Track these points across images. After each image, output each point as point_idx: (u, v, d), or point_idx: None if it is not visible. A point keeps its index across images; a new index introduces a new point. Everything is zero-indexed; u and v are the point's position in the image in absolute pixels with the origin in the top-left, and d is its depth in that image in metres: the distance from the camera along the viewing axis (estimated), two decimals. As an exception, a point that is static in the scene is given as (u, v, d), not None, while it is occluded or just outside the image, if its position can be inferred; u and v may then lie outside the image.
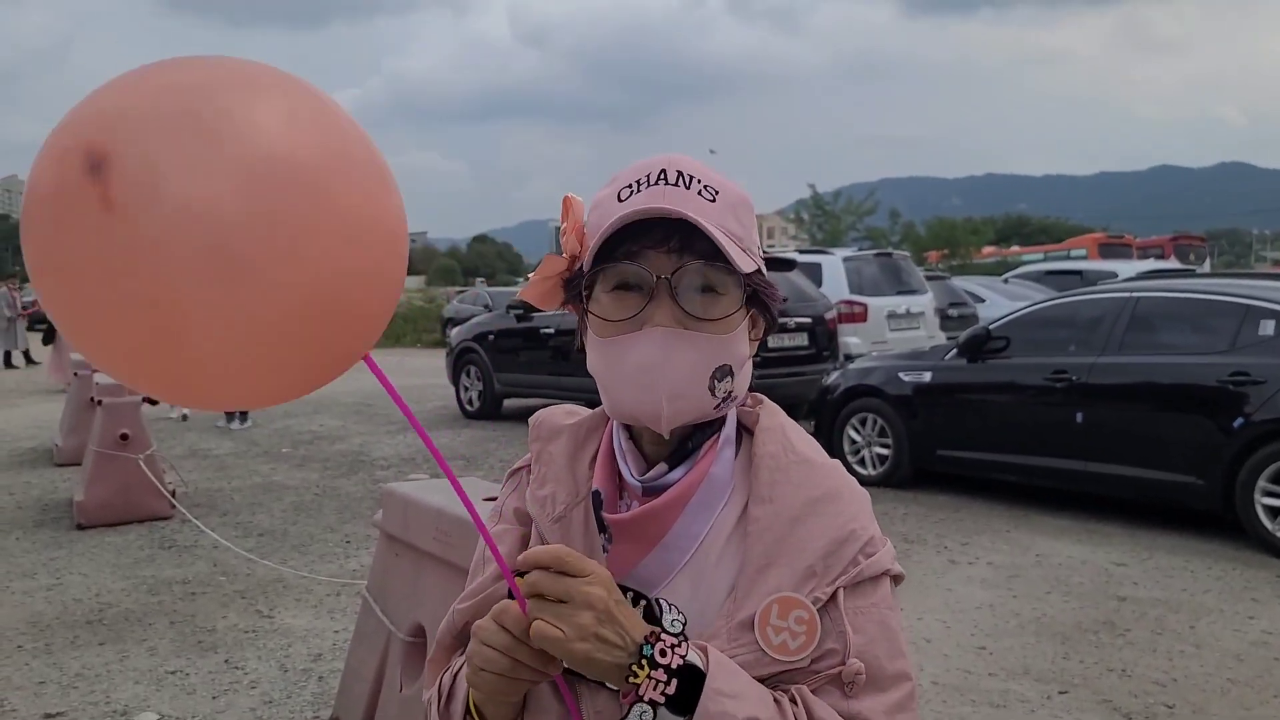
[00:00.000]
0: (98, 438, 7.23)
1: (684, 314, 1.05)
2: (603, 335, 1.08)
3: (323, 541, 6.67)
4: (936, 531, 6.84)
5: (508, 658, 0.98)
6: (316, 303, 0.93)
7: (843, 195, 38.39)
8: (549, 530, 1.15)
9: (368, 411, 13.30)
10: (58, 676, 4.40)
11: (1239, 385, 6.30)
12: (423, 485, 3.48)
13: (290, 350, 0.95)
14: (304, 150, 0.91)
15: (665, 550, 1.09)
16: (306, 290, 0.91)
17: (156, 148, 0.85)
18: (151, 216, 0.84)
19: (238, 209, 0.86)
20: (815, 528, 1.07)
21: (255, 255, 0.87)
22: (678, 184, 1.07)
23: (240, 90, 0.91)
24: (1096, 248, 29.00)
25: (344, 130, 0.97)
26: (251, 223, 0.87)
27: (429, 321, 29.29)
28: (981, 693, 4.20)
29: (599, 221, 1.08)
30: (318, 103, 0.97)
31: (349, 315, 0.98)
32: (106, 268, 0.86)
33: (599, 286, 1.08)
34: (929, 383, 8.12)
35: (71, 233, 0.86)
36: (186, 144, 0.86)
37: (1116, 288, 7.94)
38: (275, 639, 4.85)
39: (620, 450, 1.15)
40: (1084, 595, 5.45)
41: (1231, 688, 4.22)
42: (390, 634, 3.29)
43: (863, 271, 12.55)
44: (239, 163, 0.87)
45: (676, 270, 1.05)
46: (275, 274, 0.89)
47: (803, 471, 1.12)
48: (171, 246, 0.85)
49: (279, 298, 0.90)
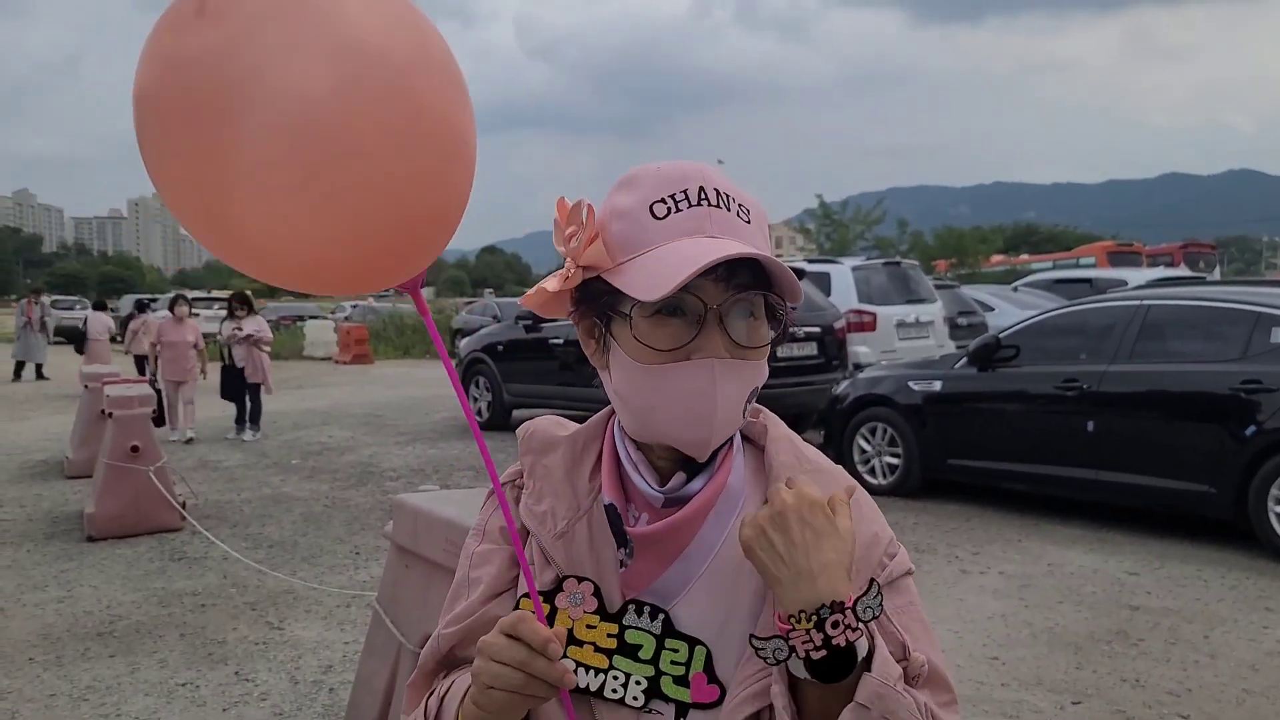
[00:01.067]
0: (108, 450, 7.25)
1: (732, 343, 1.04)
2: (644, 361, 1.04)
3: (332, 553, 6.67)
4: (947, 541, 6.81)
5: (520, 673, 0.96)
6: (400, 196, 0.96)
7: (850, 204, 38.33)
8: (552, 546, 1.12)
9: (377, 423, 13.31)
10: (68, 689, 4.41)
11: (1251, 393, 6.27)
12: (434, 496, 3.48)
13: (371, 239, 0.97)
14: (396, 47, 0.94)
15: (685, 561, 1.08)
16: (394, 183, 0.95)
17: (251, 37, 0.89)
18: (253, 113, 0.88)
19: (330, 97, 0.90)
20: None
21: (344, 146, 0.91)
22: (719, 205, 1.05)
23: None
24: (1105, 256, 28.89)
25: (427, 32, 1.00)
26: (339, 106, 0.90)
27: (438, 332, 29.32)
28: (994, 703, 4.17)
29: (631, 235, 1.05)
30: (412, 10, 1.00)
31: (427, 210, 1.01)
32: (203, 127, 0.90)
33: (636, 309, 1.04)
34: (939, 392, 8.10)
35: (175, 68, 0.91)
36: (280, 34, 0.89)
37: (1127, 296, 7.92)
38: (285, 651, 4.85)
39: (631, 462, 1.12)
40: (1096, 605, 5.42)
41: (1246, 698, 4.19)
42: (401, 646, 3.29)
43: (871, 280, 12.53)
44: (332, 52, 0.90)
45: (725, 300, 1.03)
46: (365, 166, 0.92)
47: (818, 480, 1.11)
48: (270, 132, 0.89)
49: (367, 188, 0.93)
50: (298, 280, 1.04)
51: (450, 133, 1.00)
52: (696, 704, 1.05)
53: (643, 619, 1.07)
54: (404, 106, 0.94)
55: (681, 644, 1.06)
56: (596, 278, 1.07)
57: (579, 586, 1.10)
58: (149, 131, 0.94)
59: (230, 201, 0.93)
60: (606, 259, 1.05)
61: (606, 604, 1.09)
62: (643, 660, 1.06)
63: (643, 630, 1.07)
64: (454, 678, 1.16)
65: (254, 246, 0.98)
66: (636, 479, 1.11)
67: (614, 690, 1.06)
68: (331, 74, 0.90)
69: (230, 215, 0.94)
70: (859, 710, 0.94)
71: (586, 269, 1.07)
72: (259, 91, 0.88)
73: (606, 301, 1.07)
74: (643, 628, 1.07)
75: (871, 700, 0.94)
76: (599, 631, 1.08)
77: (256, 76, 0.88)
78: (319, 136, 0.90)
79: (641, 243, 1.04)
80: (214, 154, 0.91)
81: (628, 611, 1.08)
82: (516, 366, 12.12)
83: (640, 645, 1.07)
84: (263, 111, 0.88)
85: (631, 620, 1.08)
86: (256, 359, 11.91)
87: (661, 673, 1.05)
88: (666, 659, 1.06)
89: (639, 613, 1.08)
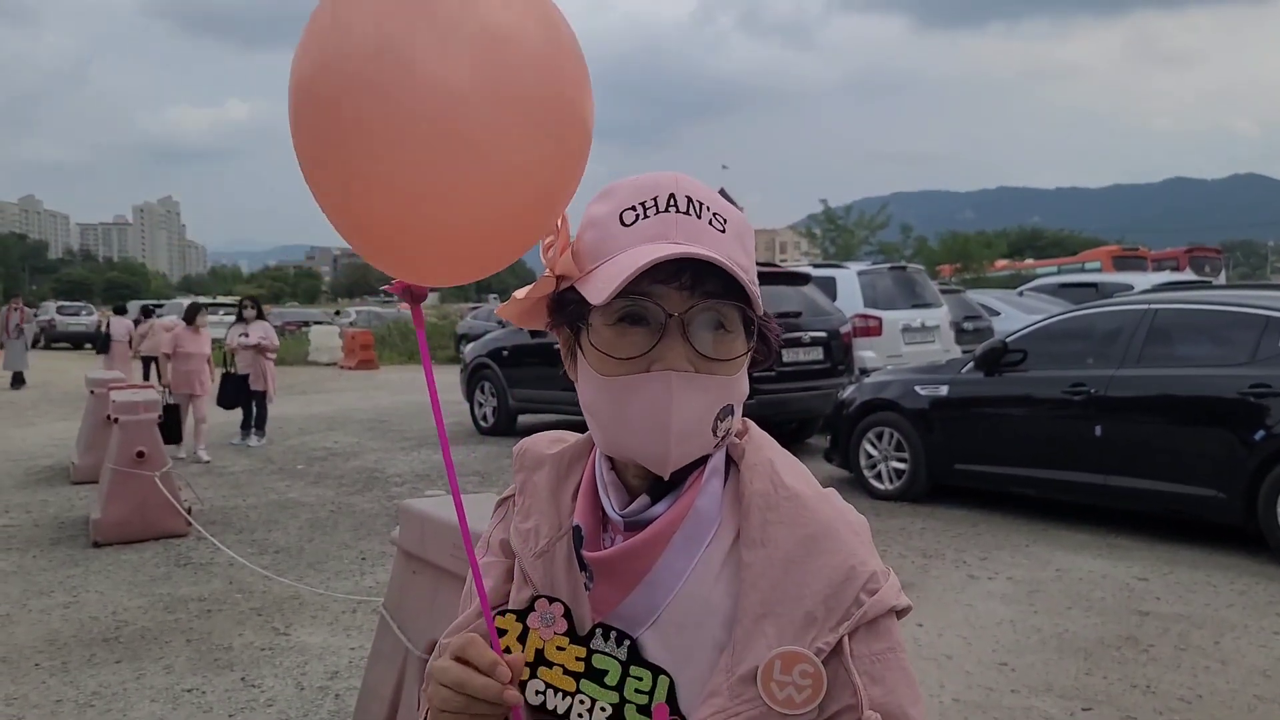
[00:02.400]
0: (114, 455, 7.25)
1: (696, 354, 1.00)
2: (604, 372, 1.02)
3: (338, 558, 6.67)
4: (955, 546, 6.78)
5: (461, 695, 0.96)
6: (528, 185, 0.99)
7: (854, 209, 38.31)
8: (530, 565, 1.10)
9: (382, 428, 13.31)
10: (74, 695, 4.40)
11: (1260, 397, 6.25)
12: (440, 502, 3.47)
13: (499, 227, 1.01)
14: (530, 36, 0.97)
15: (649, 588, 1.03)
16: (523, 172, 0.97)
17: (402, 28, 0.92)
18: (402, 92, 0.91)
19: (472, 88, 0.93)
20: (811, 569, 1.00)
21: (483, 136, 0.94)
22: (689, 212, 1.02)
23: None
24: (1111, 260, 28.86)
25: (560, 22, 1.02)
26: (482, 102, 0.93)
27: (443, 338, 29.34)
28: (1004, 710, 4.15)
29: (599, 243, 1.03)
30: (553, 9, 1.02)
31: (546, 197, 1.02)
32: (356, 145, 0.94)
33: (598, 317, 1.01)
34: (946, 396, 8.08)
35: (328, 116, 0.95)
36: (428, 24, 0.93)
37: (1134, 300, 7.90)
38: (292, 657, 4.84)
39: (602, 482, 1.09)
40: (1105, 610, 5.40)
41: (1258, 704, 4.17)
42: (408, 652, 3.27)
43: (877, 285, 12.52)
44: (474, 42, 0.93)
45: (690, 309, 1.00)
46: (500, 155, 0.95)
47: (793, 508, 1.04)
48: (416, 123, 0.92)
49: (499, 177, 0.96)
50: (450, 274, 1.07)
51: (577, 122, 1.03)
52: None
53: (609, 644, 1.04)
54: (540, 94, 0.97)
55: (646, 672, 1.02)
56: (570, 288, 1.05)
57: (550, 607, 1.07)
58: (304, 120, 0.98)
59: (383, 189, 0.96)
60: (574, 268, 1.04)
61: (576, 626, 1.06)
62: (608, 686, 1.03)
63: (609, 655, 1.04)
64: None
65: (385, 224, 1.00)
66: (604, 499, 1.08)
67: (579, 715, 1.04)
68: (473, 63, 0.93)
69: (369, 194, 0.98)
70: None
71: (560, 278, 1.05)
72: (409, 81, 0.92)
73: (574, 311, 1.05)
74: (608, 653, 1.04)
75: None
76: (568, 654, 1.06)
77: (408, 67, 0.92)
78: (461, 126, 0.94)
79: (607, 250, 1.02)
80: (365, 142, 0.94)
81: (595, 635, 1.05)
82: (522, 372, 12.11)
83: (606, 670, 1.04)
84: (412, 100, 0.92)
85: (599, 644, 1.05)
86: (262, 366, 11.88)
87: (626, 700, 1.02)
88: (631, 687, 1.02)
89: (606, 637, 1.04)
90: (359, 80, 0.92)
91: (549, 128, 0.98)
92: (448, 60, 0.92)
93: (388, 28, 0.92)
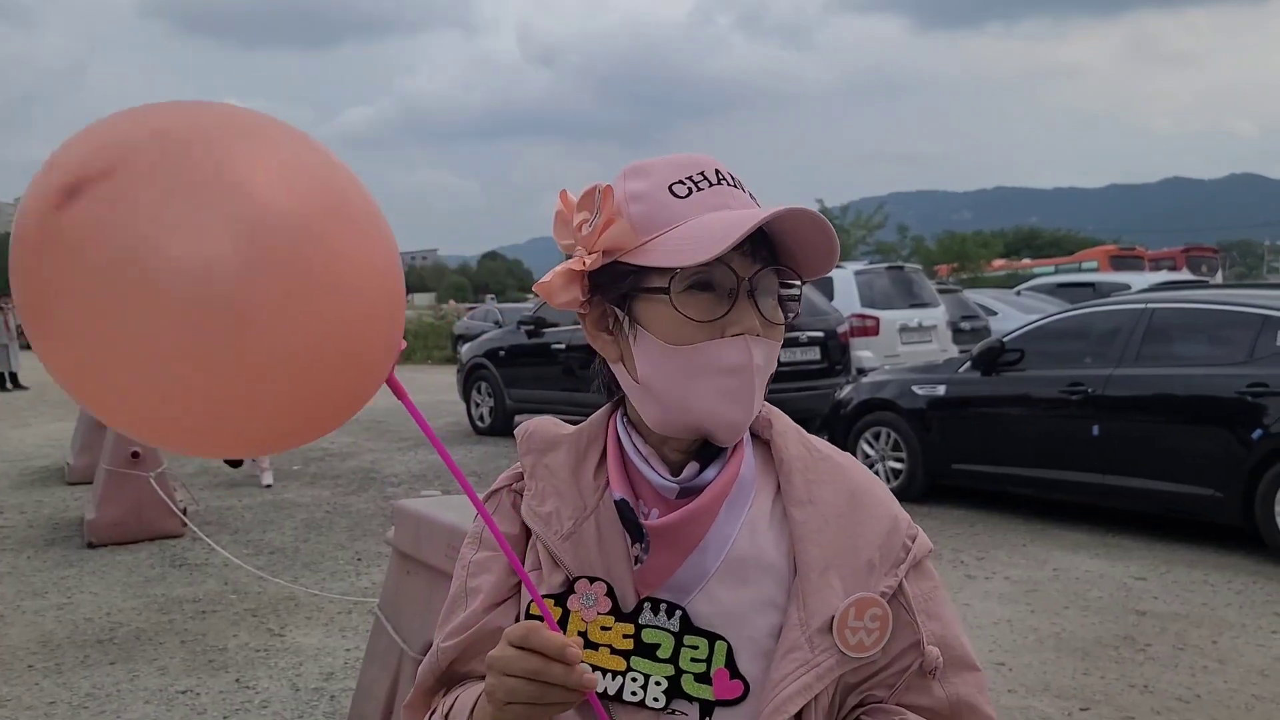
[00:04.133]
0: (109, 456, 7.22)
1: (763, 319, 1.03)
2: (678, 340, 1.01)
3: (334, 559, 6.64)
4: (952, 546, 6.77)
5: (536, 683, 0.93)
6: (319, 354, 0.89)
7: (852, 209, 38.34)
8: (559, 548, 1.09)
9: (379, 428, 13.29)
10: (68, 696, 4.38)
11: (1257, 396, 6.24)
12: (435, 502, 3.45)
13: (293, 399, 0.91)
14: (303, 205, 0.87)
15: (702, 553, 1.05)
16: (310, 341, 0.88)
17: (148, 198, 0.81)
18: (135, 265, 0.80)
19: (236, 265, 0.82)
20: (861, 520, 1.08)
21: (253, 310, 0.84)
22: (735, 186, 1.06)
23: (235, 140, 0.87)
24: (1108, 260, 28.89)
25: (340, 182, 0.93)
26: (251, 278, 0.83)
27: (439, 338, 29.32)
28: (1002, 710, 4.14)
29: (652, 214, 1.03)
30: (313, 153, 0.93)
31: (352, 364, 0.94)
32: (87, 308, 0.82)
33: (674, 281, 1.01)
34: (943, 396, 8.06)
35: (44, 263, 0.83)
36: (180, 197, 0.82)
37: (1132, 299, 7.89)
38: (287, 658, 4.82)
39: (640, 455, 1.09)
40: (1103, 610, 5.39)
41: (1256, 704, 4.15)
42: (403, 653, 3.26)
43: (874, 285, 12.51)
44: (237, 218, 0.83)
45: (757, 273, 1.03)
46: (276, 327, 0.85)
47: (830, 468, 1.11)
48: (161, 297, 0.81)
49: (280, 348, 0.86)
50: (220, 446, 1.00)
51: (362, 278, 0.92)
52: (721, 701, 1.02)
53: (659, 617, 1.04)
54: (303, 262, 0.86)
55: (701, 640, 1.03)
56: (615, 262, 1.04)
57: (591, 587, 1.07)
58: (30, 309, 0.86)
59: (128, 379, 0.85)
60: (631, 238, 1.03)
61: (620, 604, 1.06)
62: (661, 659, 1.03)
63: (660, 628, 1.04)
64: (456, 694, 1.12)
65: (152, 417, 0.89)
66: (648, 472, 1.08)
67: (633, 693, 1.03)
68: (231, 242, 0.83)
69: (126, 389, 0.86)
70: None
71: (606, 252, 1.04)
72: (155, 261, 0.81)
73: (630, 283, 1.04)
74: (660, 626, 1.04)
75: None
76: (614, 633, 1.05)
77: (150, 250, 0.81)
78: (219, 308, 0.83)
79: (666, 220, 1.03)
80: (106, 331, 0.83)
81: (643, 610, 1.05)
82: (518, 372, 12.09)
83: (658, 644, 1.04)
84: (157, 280, 0.81)
85: (648, 619, 1.05)
86: None
87: (682, 671, 1.03)
88: (686, 657, 1.03)
89: (655, 610, 1.05)
90: (87, 264, 0.81)
91: (344, 293, 0.89)
92: (203, 235, 0.82)
93: (119, 210, 0.81)
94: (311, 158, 0.92)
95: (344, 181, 0.94)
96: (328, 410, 0.97)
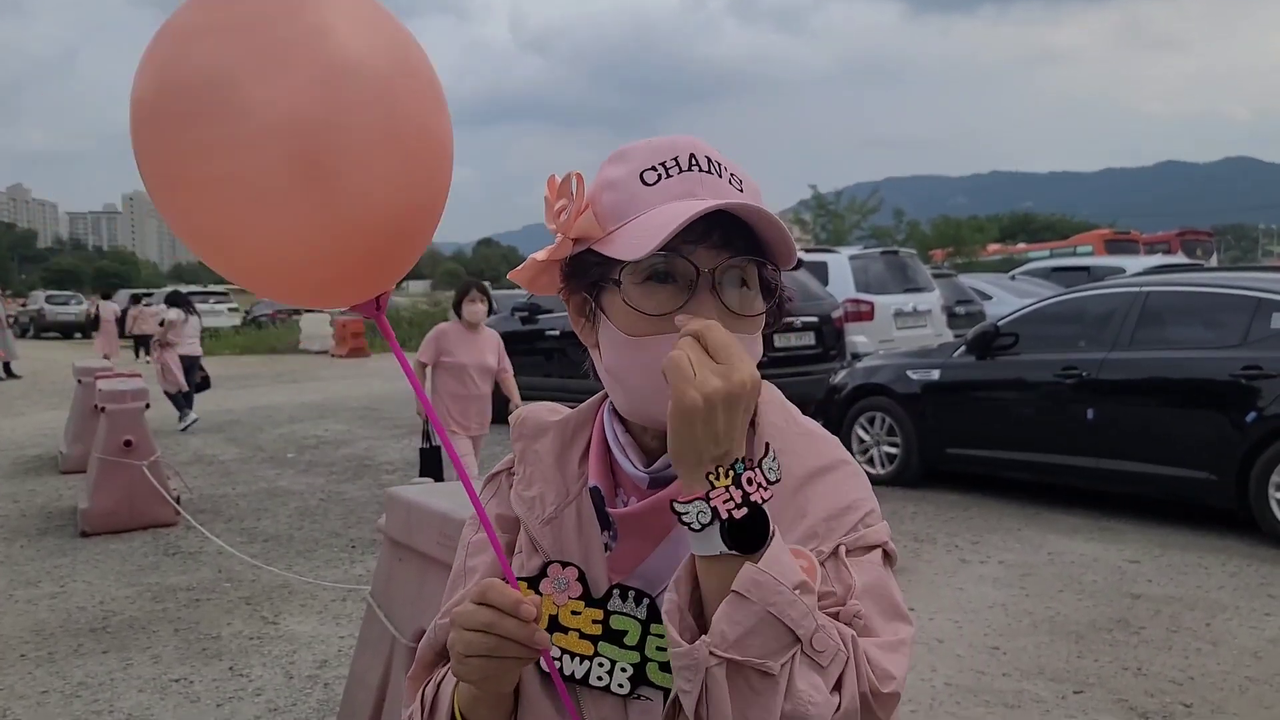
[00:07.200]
0: (102, 445, 7.20)
1: (726, 312, 1.00)
2: (633, 332, 1.01)
3: (328, 547, 6.63)
4: (947, 530, 6.77)
5: (491, 636, 0.94)
6: (385, 210, 0.99)
7: (846, 195, 38.22)
8: (539, 532, 1.10)
9: (373, 416, 13.27)
10: (61, 686, 4.37)
11: (1251, 379, 6.24)
12: (427, 489, 3.43)
13: (358, 254, 1.01)
14: (374, 60, 0.97)
15: (672, 544, 1.04)
16: (378, 198, 0.98)
17: (239, 58, 0.93)
18: (240, 123, 0.92)
19: (316, 116, 0.93)
20: (816, 493, 1.04)
21: (334, 160, 0.94)
22: (710, 171, 1.03)
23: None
24: (1103, 244, 28.88)
25: (407, 43, 1.03)
26: (329, 130, 0.94)
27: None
28: (995, 693, 4.14)
29: (621, 204, 1.03)
30: (382, 14, 1.02)
31: (407, 225, 1.04)
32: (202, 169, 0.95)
33: (627, 276, 1.01)
34: (937, 380, 8.06)
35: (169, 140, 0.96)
36: (267, 52, 0.94)
37: (1126, 283, 7.88)
38: (280, 645, 4.81)
39: (618, 444, 1.09)
40: (1097, 593, 5.39)
41: (1250, 686, 4.16)
42: (395, 640, 3.25)
43: (869, 270, 12.50)
44: (315, 70, 0.94)
45: (719, 265, 1.00)
46: (351, 180, 0.95)
47: (805, 443, 1.08)
48: (259, 149, 0.93)
49: (355, 203, 0.96)
50: (270, 287, 1.08)
51: (430, 142, 1.03)
52: None
53: (627, 604, 1.05)
54: (385, 118, 0.97)
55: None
56: (587, 250, 1.04)
57: (563, 572, 1.07)
58: (144, 136, 0.98)
59: (219, 209, 0.97)
60: (597, 229, 1.03)
61: (591, 589, 1.06)
62: (628, 646, 1.03)
63: (627, 615, 1.04)
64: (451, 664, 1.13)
65: (233, 244, 1.01)
66: (622, 460, 1.09)
67: (599, 678, 1.04)
68: (316, 89, 0.94)
69: (218, 221, 0.98)
70: (737, 601, 0.85)
71: (577, 241, 1.04)
72: (248, 103, 0.92)
73: (597, 272, 1.04)
74: (627, 613, 1.04)
75: (749, 588, 0.86)
76: (584, 618, 1.06)
77: (246, 90, 0.92)
78: (306, 148, 0.94)
79: (631, 210, 1.02)
80: (206, 161, 0.94)
81: (613, 597, 1.05)
82: (513, 359, 12.05)
83: (625, 631, 1.04)
84: (251, 122, 0.92)
85: (616, 605, 1.05)
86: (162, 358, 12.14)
87: (647, 659, 1.03)
88: (653, 645, 1.02)
89: (624, 598, 1.05)
90: (198, 100, 0.93)
91: (407, 152, 1.00)
92: (289, 85, 0.93)
93: (229, 51, 0.93)
94: (390, 26, 1.02)
95: (413, 49, 1.04)
96: (367, 271, 1.06)
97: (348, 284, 1.06)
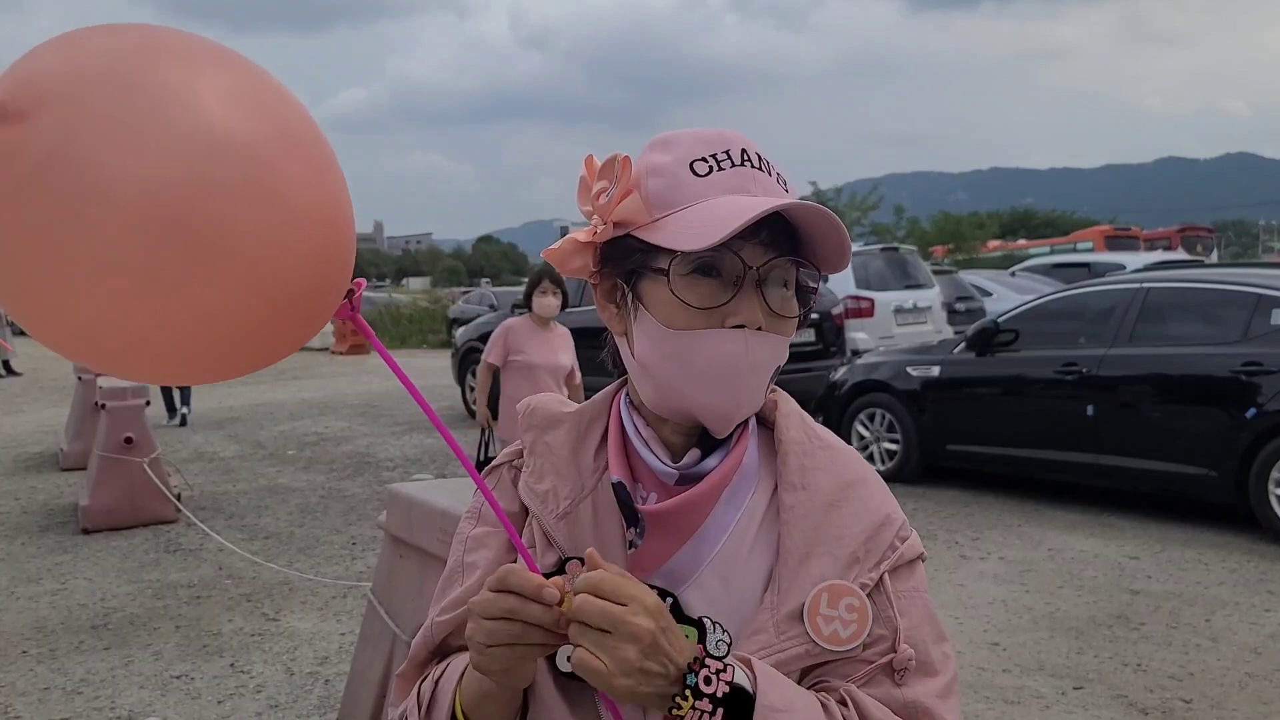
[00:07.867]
0: (102, 442, 7.20)
1: (769, 311, 1.00)
2: (675, 325, 0.99)
3: (329, 544, 6.64)
4: (947, 527, 6.78)
5: (515, 623, 0.91)
6: (265, 282, 0.88)
7: (846, 191, 38.19)
8: (554, 528, 1.07)
9: (373, 413, 13.27)
10: (62, 682, 4.37)
11: (1251, 375, 6.24)
12: (427, 486, 3.44)
13: (236, 329, 0.90)
14: (247, 130, 0.86)
15: (699, 542, 1.03)
16: (257, 266, 0.87)
17: (88, 115, 0.81)
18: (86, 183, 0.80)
19: (182, 180, 0.82)
20: (851, 513, 1.05)
21: (203, 230, 0.83)
22: (760, 169, 1.02)
23: (181, 62, 0.87)
24: (1103, 240, 28.86)
25: (288, 110, 0.92)
26: (199, 194, 0.83)
27: (434, 322, 29.26)
28: (996, 689, 4.15)
29: (669, 191, 1.01)
30: (260, 80, 0.92)
31: (294, 298, 0.92)
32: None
33: (675, 266, 0.99)
34: (937, 377, 8.06)
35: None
36: (122, 114, 0.82)
37: (1126, 279, 7.88)
38: (281, 642, 4.81)
39: (640, 437, 1.08)
40: (1097, 589, 5.40)
41: (1250, 681, 4.17)
42: (395, 636, 3.25)
43: (869, 266, 12.49)
44: (180, 137, 0.83)
45: (766, 263, 0.99)
46: (224, 248, 0.84)
47: (829, 456, 1.08)
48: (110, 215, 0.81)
49: (226, 271, 0.85)
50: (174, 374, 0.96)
51: (317, 209, 0.92)
52: None
53: None
54: (262, 187, 0.86)
55: (691, 629, 1.00)
56: (627, 235, 1.02)
57: (582, 569, 1.04)
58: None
59: (77, 305, 0.84)
60: (643, 213, 1.01)
61: None
62: None
63: None
64: (449, 661, 1.11)
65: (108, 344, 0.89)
66: (647, 455, 1.07)
67: None
68: (179, 161, 0.82)
69: (79, 316, 0.86)
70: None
71: (618, 224, 1.02)
72: (98, 184, 0.80)
73: (638, 259, 1.02)
74: None
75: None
76: None
77: (91, 169, 0.80)
78: (169, 226, 0.82)
79: (681, 199, 1.00)
80: (53, 253, 0.82)
81: None
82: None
83: None
84: (102, 205, 0.80)
85: None
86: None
87: None
88: None
89: None
90: (28, 187, 0.81)
91: (289, 223, 0.88)
92: (146, 152, 0.82)
93: (56, 130, 0.81)
94: (263, 86, 0.92)
95: (295, 112, 0.94)
96: (271, 339, 0.95)
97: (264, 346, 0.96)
